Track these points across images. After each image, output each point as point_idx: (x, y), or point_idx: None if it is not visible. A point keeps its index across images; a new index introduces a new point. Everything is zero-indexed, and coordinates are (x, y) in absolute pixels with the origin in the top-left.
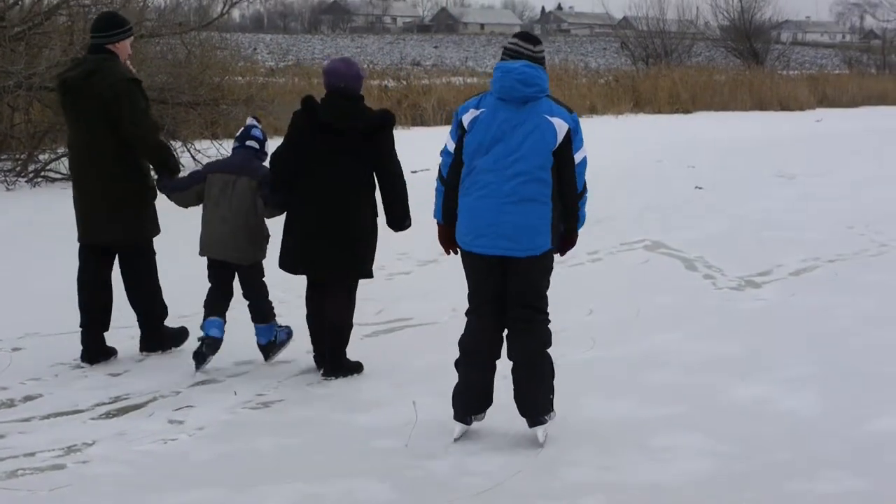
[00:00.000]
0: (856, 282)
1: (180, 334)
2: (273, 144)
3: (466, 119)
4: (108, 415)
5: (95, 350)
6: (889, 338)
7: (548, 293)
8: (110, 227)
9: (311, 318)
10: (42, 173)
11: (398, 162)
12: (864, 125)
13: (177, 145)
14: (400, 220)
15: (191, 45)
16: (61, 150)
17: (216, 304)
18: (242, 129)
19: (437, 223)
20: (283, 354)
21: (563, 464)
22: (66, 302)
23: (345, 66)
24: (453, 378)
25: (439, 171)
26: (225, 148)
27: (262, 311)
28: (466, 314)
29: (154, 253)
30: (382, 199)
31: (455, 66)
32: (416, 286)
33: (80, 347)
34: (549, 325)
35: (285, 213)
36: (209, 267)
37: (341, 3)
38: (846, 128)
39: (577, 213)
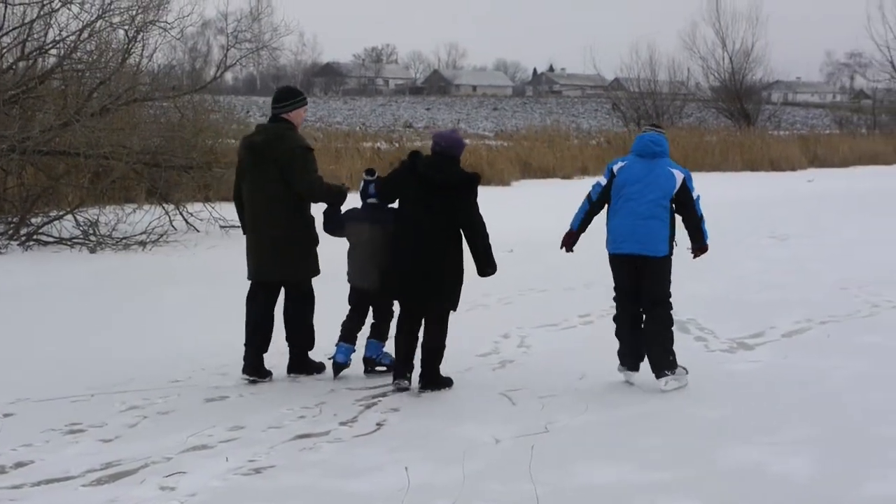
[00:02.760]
0: (849, 343)
1: (321, 367)
2: None
3: (616, 167)
4: (100, 481)
5: (254, 366)
6: (884, 399)
7: (671, 289)
8: (280, 267)
9: (400, 338)
10: (34, 236)
11: (478, 213)
12: (855, 185)
13: (169, 208)
14: (482, 266)
15: (184, 108)
16: (53, 213)
17: (352, 329)
18: (362, 183)
19: (570, 229)
20: (273, 419)
21: None
22: (58, 367)
23: (446, 133)
24: (448, 443)
25: (589, 195)
26: (217, 211)
27: (382, 331)
28: (614, 300)
29: (313, 292)
30: (468, 246)
31: (447, 128)
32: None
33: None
34: (671, 311)
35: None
36: (352, 292)
37: (334, 65)
38: (838, 188)
39: (701, 231)
